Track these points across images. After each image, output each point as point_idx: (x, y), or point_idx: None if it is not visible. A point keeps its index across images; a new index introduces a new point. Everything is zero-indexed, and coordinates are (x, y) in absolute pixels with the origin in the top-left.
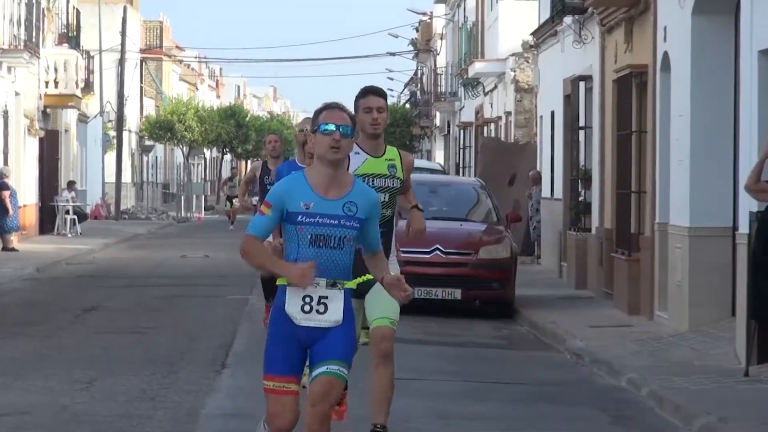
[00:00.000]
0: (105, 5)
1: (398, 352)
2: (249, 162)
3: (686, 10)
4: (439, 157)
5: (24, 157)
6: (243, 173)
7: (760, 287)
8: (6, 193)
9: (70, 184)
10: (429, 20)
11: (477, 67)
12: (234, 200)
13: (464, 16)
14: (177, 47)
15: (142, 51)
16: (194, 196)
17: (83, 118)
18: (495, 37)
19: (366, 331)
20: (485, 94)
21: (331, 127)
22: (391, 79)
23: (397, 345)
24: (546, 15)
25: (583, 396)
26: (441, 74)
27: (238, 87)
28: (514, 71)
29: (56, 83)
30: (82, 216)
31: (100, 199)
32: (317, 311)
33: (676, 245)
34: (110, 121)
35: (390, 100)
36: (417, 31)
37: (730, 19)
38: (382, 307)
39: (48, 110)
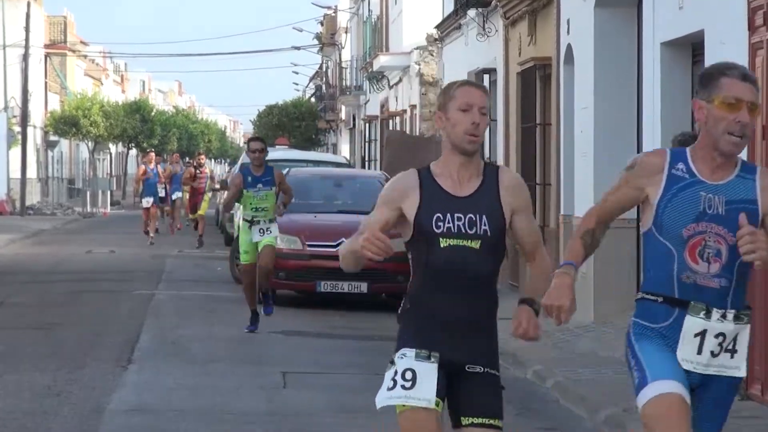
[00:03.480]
0: (8, 0)
1: (301, 345)
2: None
3: (589, 3)
4: (344, 150)
5: None
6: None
7: None
8: None
9: None
10: (333, 14)
11: (382, 61)
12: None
13: (369, 10)
14: (81, 42)
15: (46, 46)
16: (100, 192)
17: None
18: (399, 31)
19: None
20: (390, 87)
21: None
22: (297, 73)
23: (301, 339)
24: (450, 8)
25: None
26: (346, 68)
27: (143, 82)
28: (419, 64)
29: None
30: None
31: (4, 194)
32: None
33: None
34: (14, 116)
35: (295, 94)
36: (322, 24)
37: (633, 12)
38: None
39: None
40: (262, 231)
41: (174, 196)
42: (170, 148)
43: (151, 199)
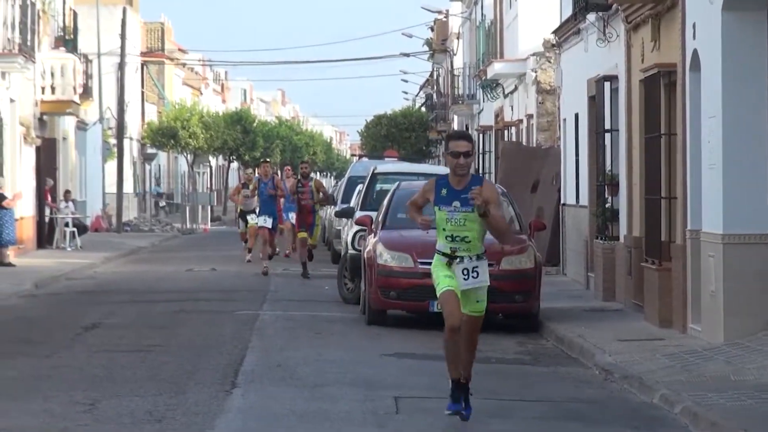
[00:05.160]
0: (103, 6)
1: (415, 368)
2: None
3: (716, 6)
4: None
5: (20, 167)
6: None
7: None
8: (9, 202)
9: (67, 194)
10: (444, 19)
11: (496, 68)
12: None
13: (482, 14)
14: (179, 50)
15: (142, 54)
16: (200, 207)
17: (82, 126)
18: (514, 36)
19: None
20: (505, 96)
21: None
22: (406, 81)
23: (414, 361)
24: (568, 12)
25: (613, 414)
26: (458, 75)
27: (245, 91)
28: (536, 72)
29: (53, 89)
30: (81, 228)
31: (100, 210)
32: None
33: (709, 253)
34: (110, 128)
35: (404, 104)
36: (432, 30)
37: (763, 15)
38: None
39: (45, 117)
40: (467, 273)
41: (286, 217)
42: (273, 161)
43: (269, 219)
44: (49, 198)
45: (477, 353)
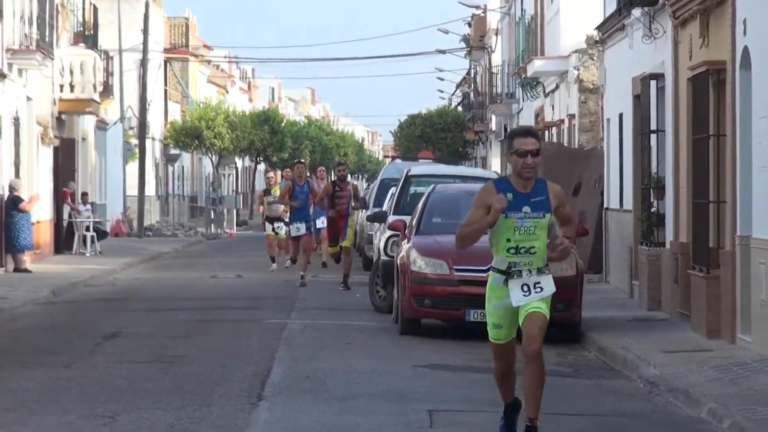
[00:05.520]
0: (125, 1)
1: (450, 380)
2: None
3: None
4: (495, 164)
5: (37, 168)
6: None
7: None
8: (26, 205)
9: (84, 197)
10: (482, 14)
11: (536, 66)
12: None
13: (521, 9)
14: (204, 46)
15: (166, 51)
16: (225, 210)
17: (102, 125)
18: (556, 32)
19: None
20: (546, 95)
21: None
22: (442, 79)
23: (449, 373)
24: (612, 7)
25: (658, 428)
26: (496, 73)
27: (272, 89)
28: (578, 69)
29: (72, 87)
30: (101, 233)
31: (121, 214)
32: None
33: (760, 260)
34: (132, 127)
35: (440, 103)
36: (469, 26)
37: None
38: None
39: (63, 116)
40: (527, 289)
41: (319, 224)
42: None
43: (303, 226)
44: (70, 200)
45: (516, 364)
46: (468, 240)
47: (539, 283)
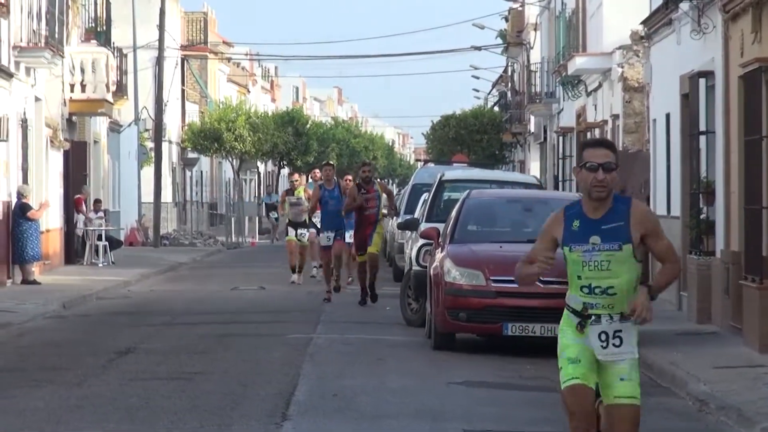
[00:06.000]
0: None
1: (486, 398)
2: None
3: None
4: (534, 169)
5: (46, 173)
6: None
7: None
8: (35, 213)
9: (97, 204)
10: (520, 8)
11: (578, 63)
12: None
13: (562, 3)
14: (224, 43)
15: (183, 48)
16: (247, 218)
17: (115, 127)
18: (599, 28)
19: None
20: (588, 94)
21: None
22: (477, 77)
23: (485, 390)
24: (658, 1)
25: None
26: (535, 71)
27: (297, 89)
28: (622, 67)
29: (83, 86)
30: (115, 242)
31: (135, 222)
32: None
33: None
34: (147, 130)
35: (475, 103)
36: (506, 21)
37: None
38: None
39: (74, 118)
40: (605, 338)
41: (347, 238)
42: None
43: (332, 235)
44: (84, 208)
45: (546, 381)
46: (525, 282)
47: (619, 332)
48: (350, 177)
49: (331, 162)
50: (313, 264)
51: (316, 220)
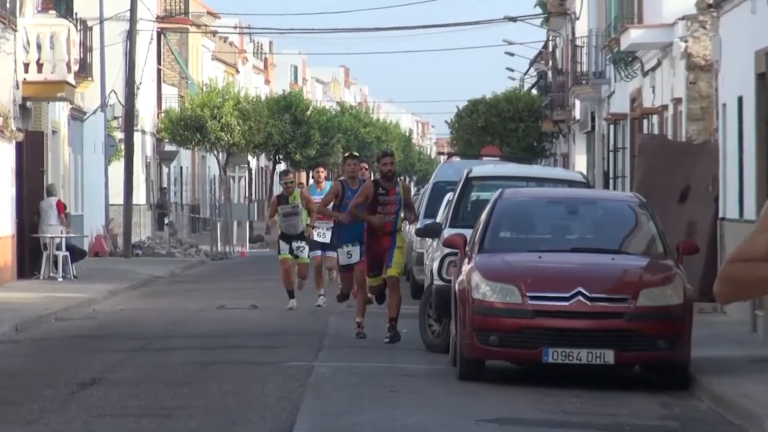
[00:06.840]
0: None
1: None
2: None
3: None
4: (580, 163)
5: None
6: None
7: None
8: None
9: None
10: None
11: (632, 37)
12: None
13: None
14: (209, 13)
15: (159, 19)
16: (235, 223)
17: (78, 115)
18: None
19: None
20: (644, 74)
21: None
22: (511, 54)
23: (521, 428)
24: None
25: None
26: (581, 47)
27: (295, 68)
28: (686, 41)
29: (39, 66)
30: (77, 252)
31: (102, 227)
32: None
33: None
34: (116, 118)
35: (509, 85)
36: None
37: None
38: None
39: (28, 104)
40: None
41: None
42: (333, 162)
43: (356, 249)
44: (62, 212)
45: (607, 417)
46: (738, 287)
47: None
48: (366, 165)
49: (356, 153)
50: (318, 293)
51: (317, 232)
